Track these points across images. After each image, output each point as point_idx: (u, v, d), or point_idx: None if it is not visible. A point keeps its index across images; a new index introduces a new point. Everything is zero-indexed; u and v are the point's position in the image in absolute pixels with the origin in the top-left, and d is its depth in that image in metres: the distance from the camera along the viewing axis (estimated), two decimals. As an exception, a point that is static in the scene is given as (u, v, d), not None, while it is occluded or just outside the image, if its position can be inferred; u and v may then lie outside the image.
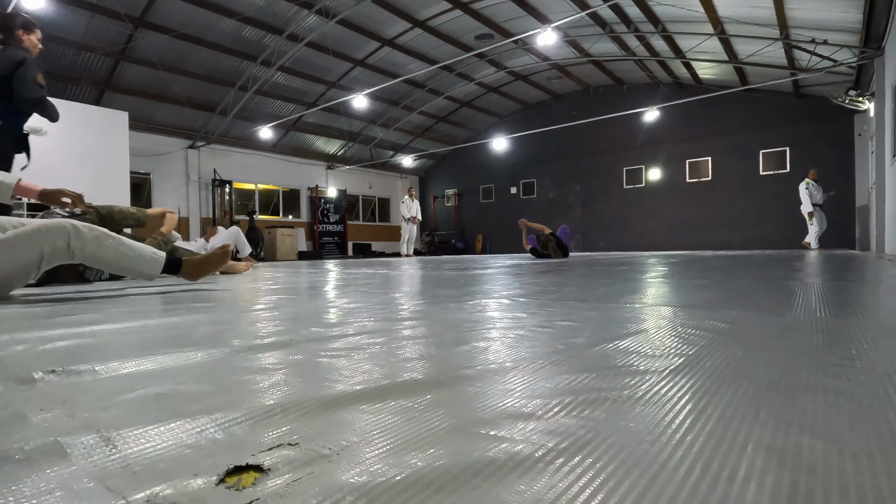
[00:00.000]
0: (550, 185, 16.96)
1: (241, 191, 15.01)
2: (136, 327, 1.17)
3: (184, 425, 0.49)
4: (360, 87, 12.74)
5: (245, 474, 0.38)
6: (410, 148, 18.09)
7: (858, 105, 9.31)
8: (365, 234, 18.28)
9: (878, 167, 7.76)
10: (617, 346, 0.85)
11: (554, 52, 12.84)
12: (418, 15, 11.03)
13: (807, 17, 8.39)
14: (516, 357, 0.78)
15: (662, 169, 14.73)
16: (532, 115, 16.60)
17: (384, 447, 0.43)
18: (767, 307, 1.35)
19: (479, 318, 1.23)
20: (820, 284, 2.04)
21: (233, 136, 14.02)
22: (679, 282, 2.34)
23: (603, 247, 15.65)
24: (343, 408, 0.54)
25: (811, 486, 0.34)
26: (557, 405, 0.53)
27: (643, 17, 10.16)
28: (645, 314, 1.25)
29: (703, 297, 1.64)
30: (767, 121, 12.84)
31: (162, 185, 13.14)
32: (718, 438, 0.43)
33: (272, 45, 11.10)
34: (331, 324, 1.18)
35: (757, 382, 0.61)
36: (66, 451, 0.42)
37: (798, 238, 12.23)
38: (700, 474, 0.36)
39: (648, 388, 0.59)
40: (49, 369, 0.73)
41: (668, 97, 13.02)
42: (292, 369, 0.72)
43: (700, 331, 0.98)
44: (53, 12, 8.78)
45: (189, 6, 9.60)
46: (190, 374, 0.70)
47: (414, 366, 0.74)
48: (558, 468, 0.38)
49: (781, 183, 12.74)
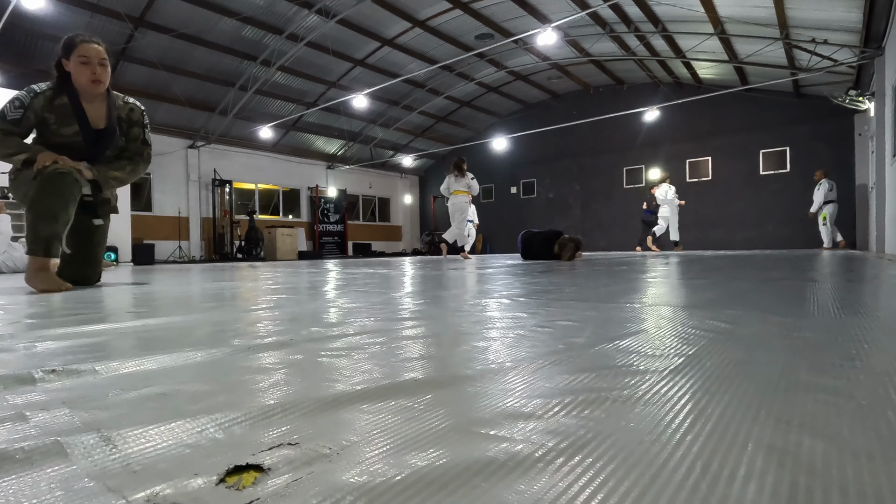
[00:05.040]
0: (550, 184, 16.96)
1: (241, 191, 15.02)
2: (137, 327, 1.17)
3: (184, 425, 0.49)
4: (360, 86, 12.74)
5: (245, 474, 0.38)
6: (410, 148, 18.09)
7: (858, 105, 9.32)
8: (365, 234, 18.29)
9: (878, 167, 7.76)
10: (617, 345, 0.85)
11: (554, 51, 12.84)
12: (418, 15, 11.03)
13: (807, 17, 8.39)
14: (516, 357, 0.78)
15: (662, 169, 14.72)
16: (532, 114, 16.60)
17: (384, 447, 0.43)
18: (767, 307, 1.35)
19: (479, 318, 1.23)
20: (820, 284, 2.04)
21: (233, 136, 14.03)
22: (679, 282, 2.34)
23: (603, 247, 15.65)
24: (343, 407, 0.54)
25: (811, 486, 0.34)
26: (557, 405, 0.53)
27: (643, 17, 10.16)
28: (645, 314, 1.25)
29: (703, 297, 1.64)
30: (767, 121, 12.83)
31: (162, 185, 13.15)
32: (718, 438, 0.43)
33: (272, 44, 11.11)
34: (331, 323, 1.18)
35: (757, 382, 0.61)
36: (67, 451, 0.42)
37: (798, 238, 12.24)
38: (700, 474, 0.36)
39: (648, 388, 0.59)
40: (49, 369, 0.73)
41: (668, 97, 13.02)
42: (292, 369, 0.72)
43: (700, 331, 0.98)
44: (53, 12, 8.78)
45: (189, 6, 9.60)
46: (190, 374, 0.70)
47: (414, 366, 0.74)
48: (558, 468, 0.38)
49: (781, 183, 12.74)
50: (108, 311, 1.51)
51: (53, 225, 2.38)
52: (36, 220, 2.36)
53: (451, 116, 16.94)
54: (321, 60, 12.14)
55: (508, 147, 16.31)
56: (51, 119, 2.52)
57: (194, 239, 13.70)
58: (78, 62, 2.51)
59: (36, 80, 2.98)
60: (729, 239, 13.41)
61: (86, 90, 2.55)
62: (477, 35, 11.92)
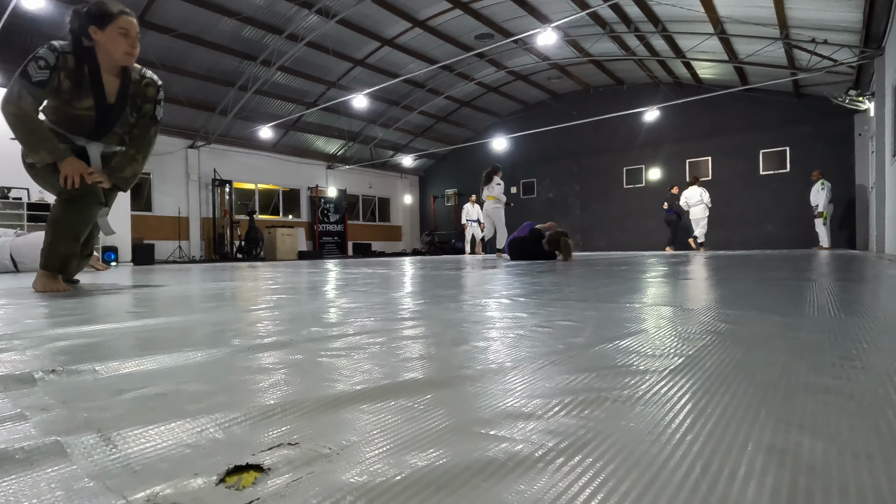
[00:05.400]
0: (550, 184, 16.95)
1: (241, 190, 15.01)
2: (137, 327, 1.17)
3: (184, 425, 0.49)
4: (360, 86, 12.74)
5: (245, 474, 0.38)
6: (410, 148, 18.09)
7: (858, 105, 9.32)
8: (365, 234, 18.29)
9: (878, 167, 7.76)
10: (617, 345, 0.85)
11: (554, 51, 12.84)
12: (418, 15, 11.02)
13: (807, 17, 8.39)
14: (516, 357, 0.78)
15: (662, 169, 14.72)
16: (532, 114, 16.59)
17: (384, 447, 0.43)
18: (767, 307, 1.35)
19: (479, 318, 1.23)
20: (820, 284, 2.04)
21: (233, 136, 14.02)
22: (679, 281, 2.34)
23: (603, 246, 15.64)
24: (343, 407, 0.54)
25: (811, 485, 0.34)
26: (557, 405, 0.53)
27: (643, 17, 10.15)
28: (645, 314, 1.25)
29: (703, 297, 1.64)
30: (767, 121, 12.83)
31: (162, 185, 13.14)
32: (718, 438, 0.43)
33: (272, 44, 11.10)
34: (331, 323, 1.18)
35: (757, 382, 0.61)
36: (67, 451, 0.42)
37: (798, 237, 12.23)
38: (700, 474, 0.36)
39: (648, 388, 0.59)
40: (49, 369, 0.73)
41: (668, 97, 13.01)
42: (292, 369, 0.72)
43: (700, 331, 0.98)
44: (53, 12, 8.78)
45: (189, 6, 9.60)
46: (190, 374, 0.70)
47: (414, 365, 0.74)
48: (558, 468, 0.38)
49: (781, 183, 12.74)
50: (108, 311, 1.51)
51: (73, 245, 2.38)
52: (57, 239, 2.35)
53: (451, 116, 16.94)
54: (321, 60, 12.14)
55: (508, 147, 16.30)
56: (66, 87, 2.33)
57: (194, 239, 13.69)
58: (117, 34, 2.37)
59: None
60: (729, 239, 13.41)
61: (118, 63, 2.42)
62: (477, 35, 11.92)
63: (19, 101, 2.19)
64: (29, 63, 2.24)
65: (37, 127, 2.24)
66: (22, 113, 2.19)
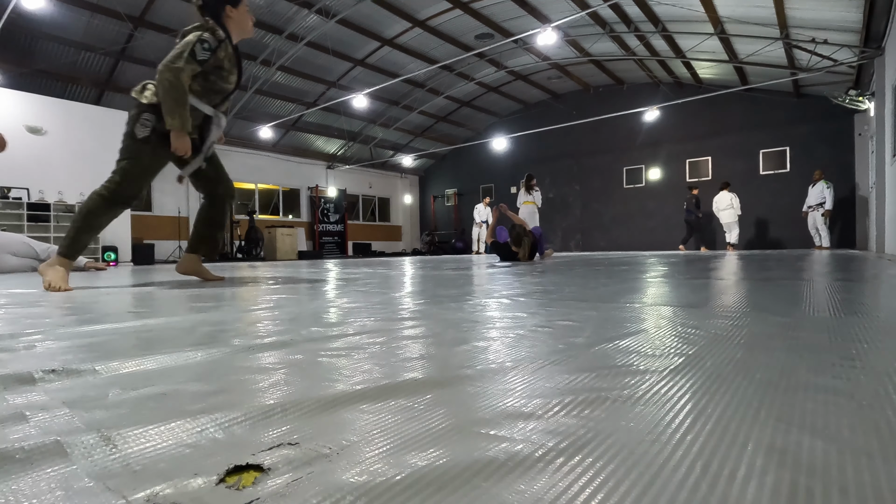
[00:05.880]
0: (550, 184, 16.94)
1: (240, 190, 15.01)
2: (137, 327, 1.17)
3: (184, 425, 0.49)
4: (360, 86, 12.74)
5: (245, 474, 0.38)
6: (410, 148, 18.09)
7: (858, 105, 9.33)
8: (365, 234, 18.29)
9: (878, 167, 7.76)
10: (617, 345, 0.85)
11: (554, 51, 12.84)
12: (418, 14, 11.02)
13: (807, 17, 8.39)
14: (516, 357, 0.78)
15: (662, 169, 14.72)
16: (532, 114, 16.59)
17: (384, 447, 0.43)
18: (767, 307, 1.35)
19: (479, 318, 1.23)
20: (820, 284, 2.04)
21: (233, 136, 14.02)
22: (679, 282, 2.34)
23: (603, 246, 15.64)
24: (343, 407, 0.54)
25: (811, 485, 0.34)
26: (557, 405, 0.53)
27: (643, 17, 10.15)
28: (645, 314, 1.25)
29: (703, 296, 1.64)
30: (767, 121, 12.83)
31: (162, 185, 13.14)
32: (718, 438, 0.43)
33: (272, 44, 11.10)
34: (331, 323, 1.18)
35: (757, 382, 0.61)
36: (67, 451, 0.42)
37: (798, 237, 12.23)
38: (700, 474, 0.36)
39: (648, 388, 0.59)
40: (49, 369, 0.73)
41: (668, 97, 13.02)
42: (292, 369, 0.72)
43: (700, 331, 0.98)
44: (53, 12, 8.78)
45: (189, 6, 9.59)
46: (190, 374, 0.70)
47: (414, 365, 0.74)
48: (558, 468, 0.38)
49: (781, 183, 12.74)
50: (108, 311, 1.51)
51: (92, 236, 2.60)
52: (83, 231, 2.54)
53: (451, 116, 16.94)
54: (321, 60, 12.14)
55: (508, 147, 16.30)
56: (225, 65, 2.66)
57: (194, 239, 13.68)
58: (245, 11, 2.73)
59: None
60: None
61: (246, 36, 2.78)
62: (477, 35, 11.91)
63: (180, 71, 2.49)
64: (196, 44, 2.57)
65: (183, 96, 2.51)
66: (178, 81, 2.49)
